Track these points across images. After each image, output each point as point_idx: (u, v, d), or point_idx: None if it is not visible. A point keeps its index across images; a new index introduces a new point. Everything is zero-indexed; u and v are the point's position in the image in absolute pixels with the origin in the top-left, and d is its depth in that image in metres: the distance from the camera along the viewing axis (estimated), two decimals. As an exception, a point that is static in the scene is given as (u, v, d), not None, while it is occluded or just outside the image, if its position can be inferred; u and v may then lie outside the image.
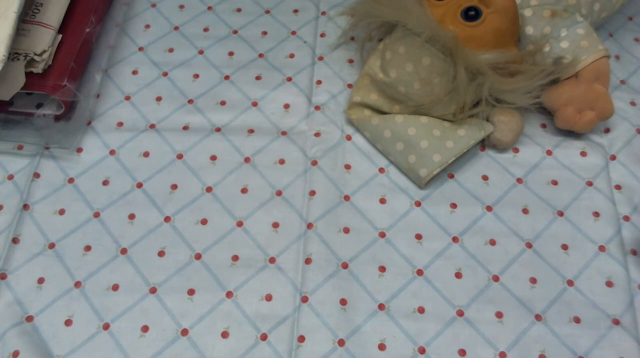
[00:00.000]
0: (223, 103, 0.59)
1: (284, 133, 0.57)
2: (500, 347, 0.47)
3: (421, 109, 0.53)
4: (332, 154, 0.56)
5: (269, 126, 0.58)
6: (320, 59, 0.62)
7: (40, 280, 0.49)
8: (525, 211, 0.53)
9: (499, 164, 0.56)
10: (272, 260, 0.51)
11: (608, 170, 0.55)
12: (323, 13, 0.66)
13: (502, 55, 0.51)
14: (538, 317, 0.48)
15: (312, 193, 0.54)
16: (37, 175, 0.55)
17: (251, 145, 0.57)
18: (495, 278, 0.50)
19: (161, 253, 0.51)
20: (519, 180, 0.55)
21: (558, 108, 0.55)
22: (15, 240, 0.51)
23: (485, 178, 0.55)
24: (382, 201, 0.54)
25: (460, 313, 0.48)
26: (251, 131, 0.58)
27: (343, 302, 0.49)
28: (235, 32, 0.65)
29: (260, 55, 0.63)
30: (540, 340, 0.47)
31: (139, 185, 0.54)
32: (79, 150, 0.56)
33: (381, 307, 0.49)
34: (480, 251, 0.51)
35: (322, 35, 0.64)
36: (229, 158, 0.56)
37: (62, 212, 0.53)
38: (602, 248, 0.51)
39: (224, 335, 0.47)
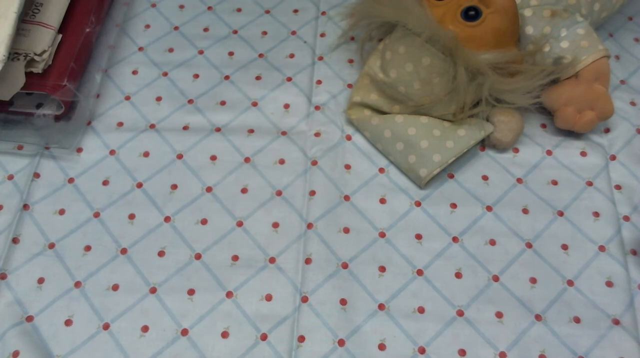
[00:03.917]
0: (223, 103, 0.59)
1: (284, 133, 0.57)
2: (500, 347, 0.47)
3: (421, 109, 0.54)
4: (332, 154, 0.56)
5: (269, 126, 0.58)
6: (320, 59, 0.62)
7: (40, 280, 0.49)
8: (525, 211, 0.53)
9: (499, 164, 0.56)
10: (272, 260, 0.51)
11: (608, 170, 0.55)
12: (323, 13, 0.66)
13: (502, 55, 0.51)
14: (538, 317, 0.48)
15: (312, 193, 0.54)
16: (37, 175, 0.55)
17: (251, 145, 0.57)
18: (495, 278, 0.50)
19: (161, 253, 0.51)
20: (519, 180, 0.55)
21: (558, 108, 0.55)
22: (15, 240, 0.51)
23: (485, 178, 0.55)
24: (382, 201, 0.54)
25: (460, 313, 0.48)
26: (251, 131, 0.58)
27: (343, 302, 0.49)
28: (235, 32, 0.65)
29: (260, 55, 0.63)
30: (540, 340, 0.47)
31: (139, 185, 0.54)
32: (79, 150, 0.56)
33: (381, 307, 0.49)
34: (480, 251, 0.51)
35: (322, 35, 0.64)
36: (229, 158, 0.56)
37: (62, 212, 0.53)
38: (602, 248, 0.51)
39: (224, 335, 0.47)
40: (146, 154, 0.56)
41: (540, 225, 0.52)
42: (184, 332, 0.47)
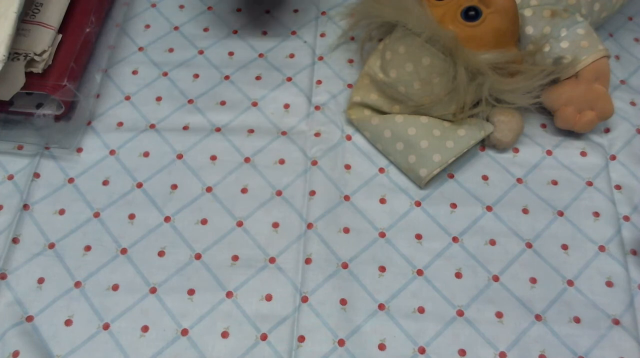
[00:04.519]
0: (223, 103, 0.59)
1: (284, 133, 0.57)
2: (500, 347, 0.47)
3: (421, 109, 0.54)
4: (332, 154, 0.56)
5: (269, 126, 0.58)
6: (320, 59, 0.62)
7: (40, 280, 0.49)
8: (525, 211, 0.53)
9: (499, 164, 0.56)
10: (272, 260, 0.51)
11: (608, 170, 0.55)
12: (323, 13, 0.66)
13: (502, 55, 0.51)
14: (538, 317, 0.48)
15: (312, 193, 0.54)
16: (37, 175, 0.55)
17: (251, 145, 0.57)
18: (495, 278, 0.50)
19: (161, 253, 0.51)
20: (519, 180, 0.55)
21: (558, 108, 0.55)
22: (15, 240, 0.51)
23: (485, 178, 0.55)
24: (382, 201, 0.54)
25: (460, 313, 0.48)
26: (251, 131, 0.58)
27: (343, 302, 0.49)
28: (235, 32, 0.65)
29: (260, 55, 0.63)
30: (540, 340, 0.47)
31: (139, 185, 0.54)
32: (79, 150, 0.56)
33: (381, 307, 0.49)
34: (480, 251, 0.51)
35: (322, 35, 0.64)
36: (229, 158, 0.56)
37: (62, 212, 0.53)
38: (602, 248, 0.51)
39: (224, 335, 0.47)
40: (146, 154, 0.56)
41: (540, 225, 0.52)
42: (184, 332, 0.48)
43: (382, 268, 0.50)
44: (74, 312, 0.48)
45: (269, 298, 0.49)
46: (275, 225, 0.52)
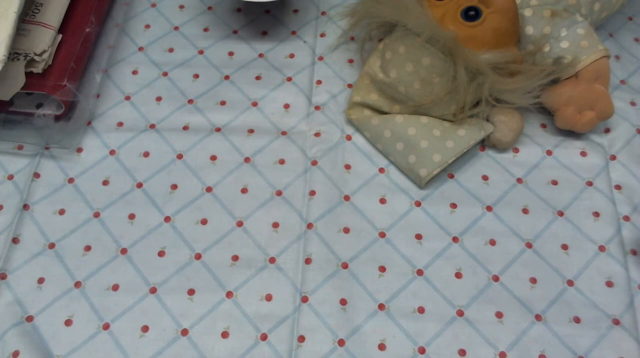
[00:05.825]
0: (223, 103, 0.59)
1: (284, 133, 0.57)
2: (500, 347, 0.47)
3: (421, 109, 0.54)
4: (332, 154, 0.56)
5: (269, 126, 0.58)
6: (320, 59, 0.62)
7: (40, 280, 0.49)
8: (525, 211, 0.53)
9: (499, 164, 0.56)
10: (272, 260, 0.51)
11: (608, 170, 0.55)
12: (323, 13, 0.66)
13: (502, 55, 0.51)
14: (538, 317, 0.48)
15: (312, 193, 0.54)
16: (37, 175, 0.55)
17: (251, 145, 0.57)
18: (495, 278, 0.50)
19: (161, 253, 0.51)
20: (519, 180, 0.55)
21: (558, 108, 0.55)
22: (15, 240, 0.51)
23: (485, 178, 0.55)
24: (382, 201, 0.54)
25: (460, 313, 0.48)
26: (251, 131, 0.58)
27: (343, 302, 0.49)
28: (235, 32, 0.65)
29: (260, 55, 0.63)
30: (540, 340, 0.47)
31: (139, 185, 0.54)
32: (79, 150, 0.56)
33: (381, 307, 0.49)
34: (480, 251, 0.51)
35: (322, 35, 0.64)
36: (229, 158, 0.56)
37: (62, 212, 0.53)
38: (602, 248, 0.51)
39: (224, 335, 0.47)
40: (146, 154, 0.56)
41: (540, 225, 0.52)
42: (184, 332, 0.48)
43: (382, 268, 0.50)
44: (74, 312, 0.48)
45: (269, 298, 0.49)
46: (275, 225, 0.52)
